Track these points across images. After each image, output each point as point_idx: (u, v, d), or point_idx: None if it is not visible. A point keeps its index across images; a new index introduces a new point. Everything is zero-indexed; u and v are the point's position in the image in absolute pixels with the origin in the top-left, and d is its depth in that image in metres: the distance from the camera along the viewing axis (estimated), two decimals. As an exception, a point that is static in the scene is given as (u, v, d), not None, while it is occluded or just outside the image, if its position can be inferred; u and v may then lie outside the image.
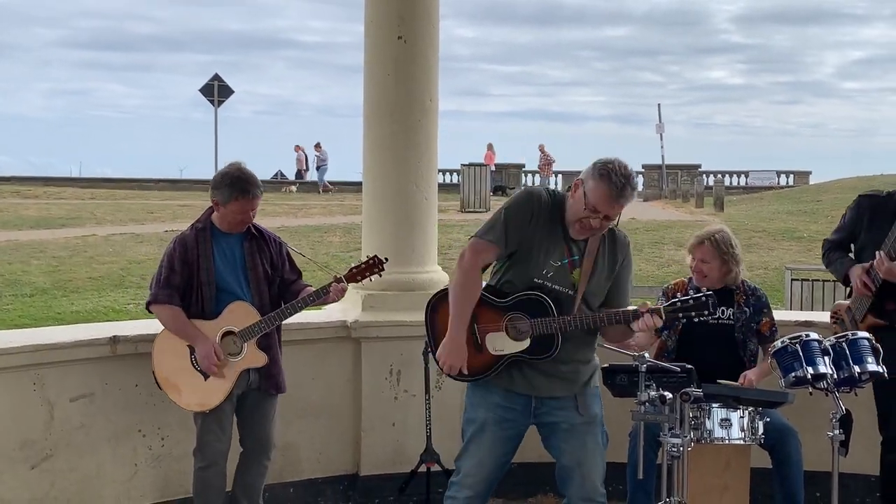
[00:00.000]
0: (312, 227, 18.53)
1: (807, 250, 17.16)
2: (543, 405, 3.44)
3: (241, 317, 4.02)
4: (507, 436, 3.47)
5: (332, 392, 4.97)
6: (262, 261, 4.11)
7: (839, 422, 3.73)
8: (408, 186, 5.01)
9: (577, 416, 3.44)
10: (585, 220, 3.32)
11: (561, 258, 3.37)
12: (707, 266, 4.40)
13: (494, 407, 3.45)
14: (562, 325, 3.32)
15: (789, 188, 32.83)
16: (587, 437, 3.46)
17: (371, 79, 5.06)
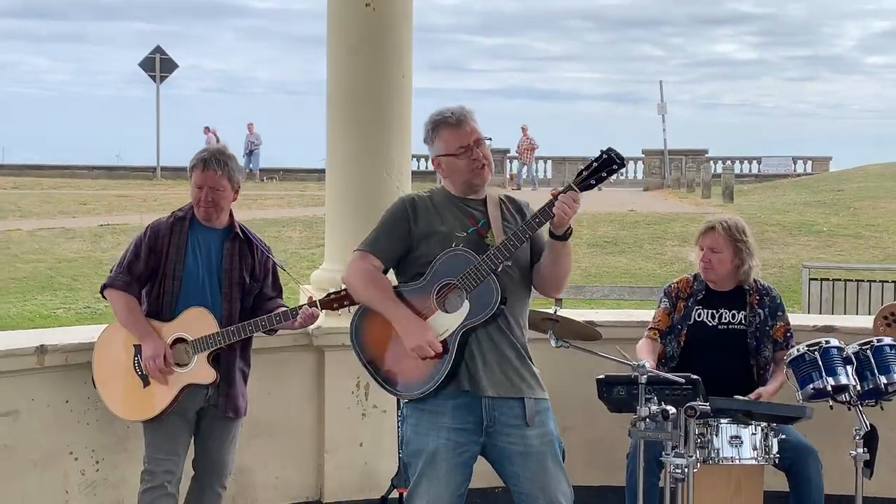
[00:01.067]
0: (269, 221, 18.47)
1: (826, 246, 17.32)
2: (495, 420, 3.43)
3: (198, 324, 4.02)
4: (462, 462, 3.44)
5: (291, 408, 4.96)
6: (241, 266, 4.11)
7: (863, 439, 3.77)
8: (377, 174, 5.01)
9: (531, 435, 3.43)
10: (469, 162, 3.46)
11: (465, 228, 3.46)
12: (717, 256, 4.41)
13: (446, 431, 3.42)
14: (489, 262, 3.32)
15: (807, 176, 33.08)
16: (547, 458, 3.46)
17: (335, 52, 5.05)
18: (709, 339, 4.41)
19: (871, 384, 3.92)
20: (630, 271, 15.36)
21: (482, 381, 3.41)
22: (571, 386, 4.93)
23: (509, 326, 3.45)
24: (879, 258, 15.79)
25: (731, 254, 4.40)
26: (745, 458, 3.85)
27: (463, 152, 3.47)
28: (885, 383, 3.91)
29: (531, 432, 3.44)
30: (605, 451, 4.94)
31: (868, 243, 17.57)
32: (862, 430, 3.79)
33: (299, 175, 31.73)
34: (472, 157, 3.47)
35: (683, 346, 4.44)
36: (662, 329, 4.49)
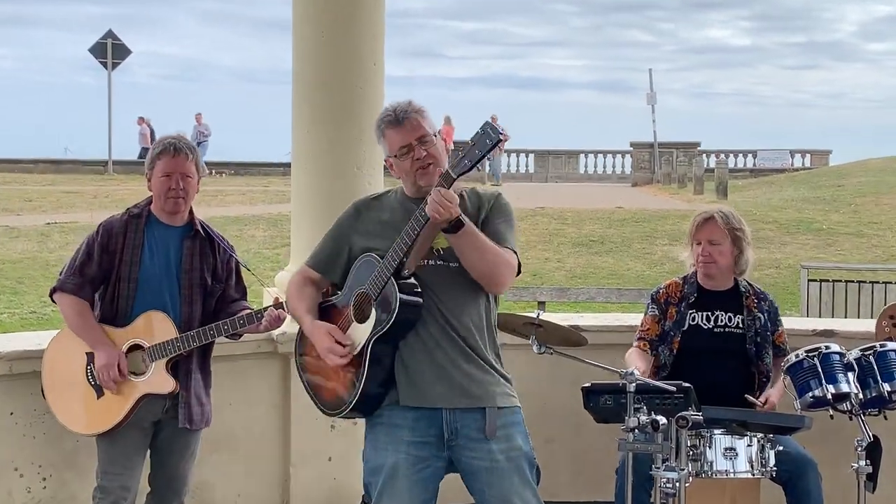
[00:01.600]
0: (230, 219, 18.42)
1: (826, 245, 17.45)
2: (457, 434, 3.44)
3: (155, 330, 4.00)
4: (424, 477, 3.45)
5: (255, 419, 4.95)
6: (202, 266, 4.09)
7: (865, 451, 3.79)
8: (347, 169, 5.00)
9: (497, 450, 3.43)
10: (413, 163, 3.42)
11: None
12: (718, 248, 4.42)
13: (405, 446, 3.42)
14: (387, 265, 3.33)
15: (805, 170, 33.31)
16: (513, 475, 3.45)
17: (301, 37, 5.04)
18: (704, 343, 4.42)
19: (874, 392, 3.94)
20: (617, 272, 15.41)
21: (429, 393, 3.41)
22: (555, 395, 4.95)
23: (453, 328, 3.42)
24: (882, 258, 15.92)
25: (731, 244, 4.43)
26: (740, 471, 3.87)
27: (405, 153, 3.44)
28: (888, 391, 3.93)
29: (496, 447, 3.43)
30: (591, 465, 4.95)
31: (870, 242, 17.71)
32: (864, 441, 3.82)
33: (263, 169, 31.65)
34: (414, 156, 3.43)
35: (677, 353, 4.45)
36: (652, 338, 4.50)
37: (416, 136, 3.44)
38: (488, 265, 3.40)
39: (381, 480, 3.45)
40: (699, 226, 4.47)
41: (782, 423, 4.02)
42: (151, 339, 3.99)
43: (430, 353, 3.41)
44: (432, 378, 3.41)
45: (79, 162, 32.19)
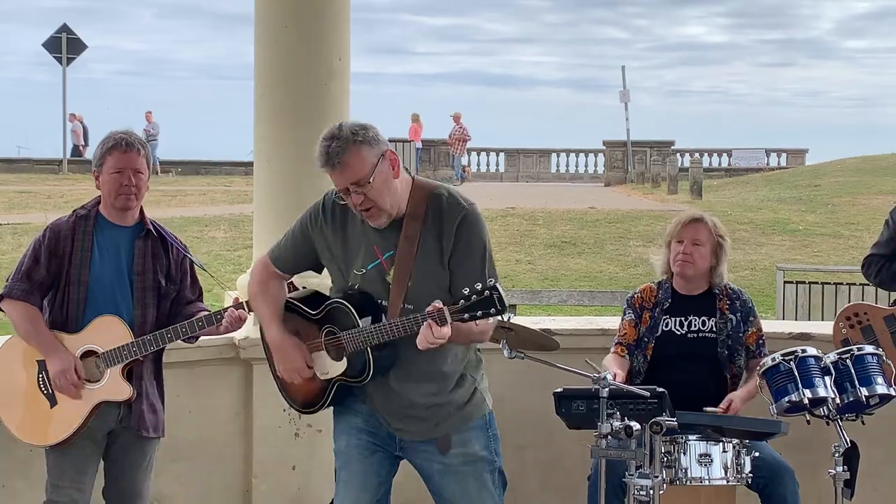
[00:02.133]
0: (190, 220, 18.32)
1: (802, 246, 17.58)
2: (403, 441, 3.54)
3: (109, 335, 3.96)
4: (375, 460, 3.55)
5: (216, 428, 4.92)
6: (155, 268, 4.06)
7: (843, 457, 3.81)
8: (311, 168, 4.93)
9: (451, 454, 3.47)
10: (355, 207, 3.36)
11: (367, 263, 3.43)
12: (700, 250, 4.45)
13: (357, 431, 3.55)
14: (365, 337, 3.34)
15: (781, 170, 33.54)
16: (468, 479, 3.48)
17: (264, 32, 5.02)
18: (677, 349, 4.44)
19: (851, 397, 3.97)
20: (590, 274, 15.46)
21: (389, 425, 3.53)
22: (527, 400, 4.95)
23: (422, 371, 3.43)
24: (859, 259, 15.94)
25: (711, 250, 4.46)
26: (715, 478, 3.89)
27: (346, 193, 3.36)
28: (866, 395, 3.96)
29: (450, 452, 3.50)
30: (563, 471, 4.96)
31: (847, 243, 17.85)
32: (842, 446, 3.84)
33: (225, 168, 31.51)
34: (352, 201, 3.36)
35: (651, 360, 4.47)
36: (630, 343, 4.52)
37: (351, 182, 3.32)
38: (470, 343, 3.51)
39: (338, 465, 3.61)
40: (686, 224, 4.50)
41: (758, 429, 4.04)
42: (105, 344, 3.95)
43: (397, 393, 3.47)
44: (394, 415, 3.51)
45: (32, 161, 31.89)
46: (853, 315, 4.50)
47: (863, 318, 4.46)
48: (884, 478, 4.84)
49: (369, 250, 3.44)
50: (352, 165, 3.27)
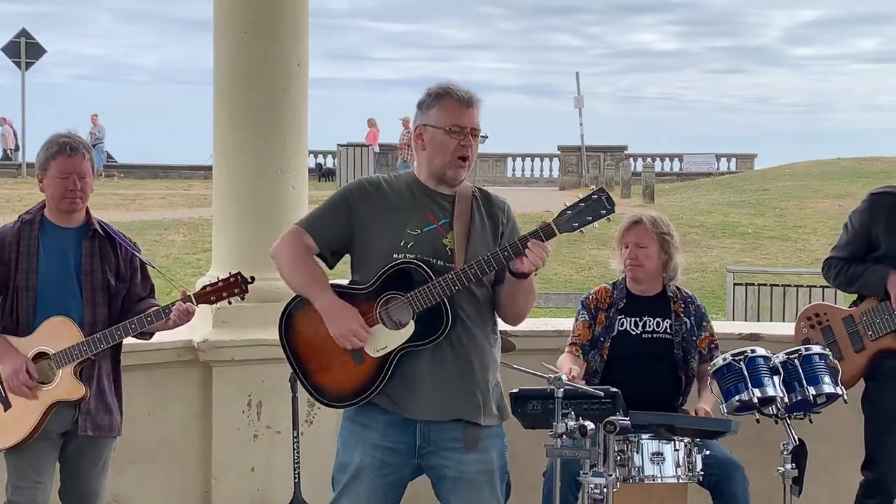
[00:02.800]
0: (149, 223, 18.18)
1: (752, 249, 17.74)
2: (430, 442, 3.42)
3: (60, 336, 3.92)
4: (387, 483, 3.45)
5: (175, 430, 4.89)
6: (104, 267, 4.02)
7: (791, 454, 3.85)
8: (270, 172, 4.96)
9: (468, 461, 3.43)
10: (457, 148, 3.36)
11: (421, 225, 3.39)
12: (644, 252, 4.47)
13: (372, 448, 3.42)
14: (443, 286, 3.28)
15: (731, 174, 33.84)
16: (482, 488, 3.46)
17: (223, 37, 4.99)
18: (633, 349, 4.47)
19: (799, 395, 4.01)
20: (545, 277, 15.49)
21: (420, 405, 3.39)
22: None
23: (470, 345, 3.41)
24: (807, 262, 16.21)
25: (658, 248, 4.48)
26: (667, 475, 3.91)
27: (457, 132, 3.36)
28: (813, 394, 4.00)
29: (468, 457, 3.43)
30: (518, 471, 4.94)
31: (795, 246, 18.04)
32: (790, 444, 3.88)
33: (184, 172, 31.30)
34: (461, 142, 3.37)
35: (607, 360, 4.49)
36: (584, 343, 4.54)
37: (474, 127, 3.40)
38: (526, 305, 3.49)
39: (345, 478, 3.46)
40: (626, 229, 4.53)
41: (709, 428, 4.07)
42: (56, 345, 3.91)
43: (440, 365, 3.38)
44: (430, 391, 3.38)
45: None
46: (814, 315, 4.54)
47: (823, 318, 4.49)
48: (831, 475, 4.89)
49: (423, 215, 3.40)
50: (480, 112, 3.41)
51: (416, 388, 3.38)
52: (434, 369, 3.37)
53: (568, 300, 11.11)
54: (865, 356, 4.35)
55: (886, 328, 4.30)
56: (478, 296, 3.43)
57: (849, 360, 4.36)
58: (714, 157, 37.94)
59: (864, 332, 4.36)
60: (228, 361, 4.86)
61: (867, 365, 4.35)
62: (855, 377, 4.36)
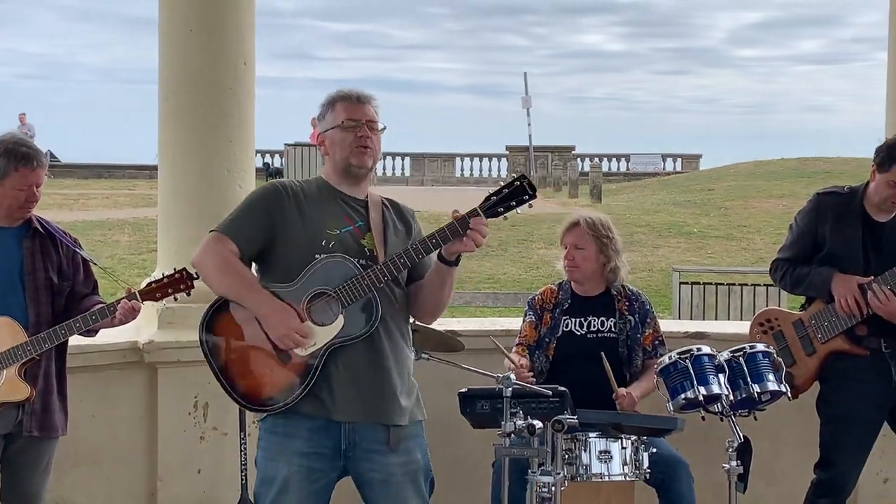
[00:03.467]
0: (93, 223, 17.97)
1: (697, 248, 17.91)
2: (355, 444, 3.41)
3: (3, 336, 3.86)
4: (316, 490, 3.43)
5: (119, 432, 4.84)
6: (46, 265, 3.97)
7: (736, 451, 3.89)
8: (216, 171, 4.94)
9: (394, 463, 3.43)
10: (355, 139, 3.43)
11: (339, 227, 3.41)
12: (581, 254, 4.50)
13: (298, 457, 3.39)
14: (372, 278, 3.29)
15: (677, 174, 34.16)
16: (407, 488, 3.46)
17: (168, 35, 4.95)
18: (578, 349, 4.49)
19: (743, 393, 4.04)
20: (494, 276, 15.55)
21: (346, 406, 3.37)
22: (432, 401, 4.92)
23: (390, 344, 3.42)
24: (751, 261, 16.41)
25: (596, 250, 4.50)
26: (614, 473, 3.93)
27: (352, 126, 3.43)
28: (758, 392, 4.04)
29: (394, 459, 3.43)
30: (467, 471, 4.98)
31: (739, 245, 18.24)
32: (735, 442, 3.91)
33: (129, 172, 31.00)
34: (358, 132, 3.43)
35: (553, 360, 4.51)
36: (530, 344, 4.56)
37: (369, 119, 3.47)
38: (445, 301, 3.52)
39: (272, 493, 3.41)
40: (566, 230, 4.57)
41: (655, 426, 4.10)
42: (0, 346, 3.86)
43: (363, 365, 3.37)
44: (359, 391, 3.37)
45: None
46: (766, 321, 4.58)
47: (774, 323, 4.52)
48: (775, 472, 4.95)
49: (339, 218, 3.43)
50: (374, 107, 3.52)
51: (342, 390, 3.37)
52: (358, 370, 3.37)
53: (516, 300, 11.15)
54: (817, 359, 4.39)
55: (835, 330, 4.34)
56: (396, 296, 3.45)
57: (801, 363, 4.40)
58: (660, 157, 38.28)
59: (813, 335, 4.40)
60: (174, 363, 4.82)
61: (819, 368, 4.39)
62: (808, 381, 4.41)
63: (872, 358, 4.31)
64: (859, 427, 4.34)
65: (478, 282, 15.07)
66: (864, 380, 4.30)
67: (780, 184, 25.71)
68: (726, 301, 11.26)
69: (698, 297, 11.37)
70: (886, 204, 4.29)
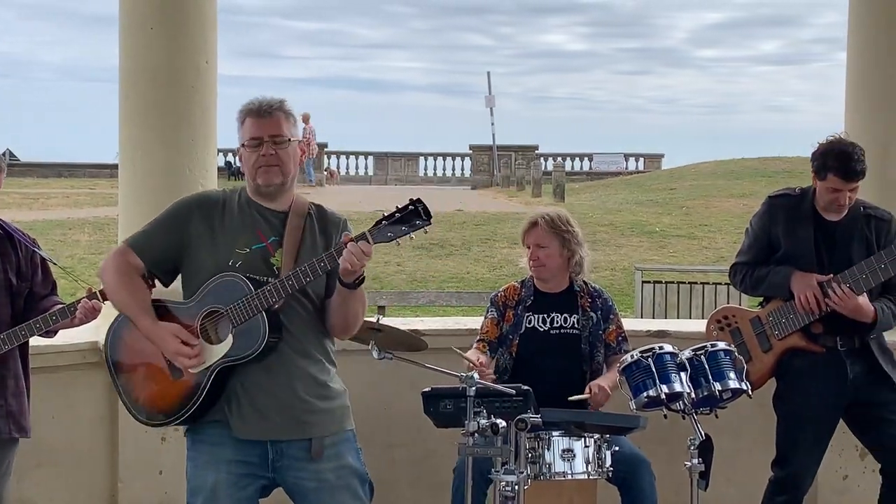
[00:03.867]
0: (53, 223, 17.83)
1: (659, 247, 18.01)
2: (283, 454, 3.40)
3: None
4: (247, 496, 3.40)
5: (80, 433, 4.82)
6: (4, 266, 3.93)
7: (698, 449, 3.91)
8: (178, 170, 4.91)
9: (325, 469, 3.41)
10: (256, 159, 3.37)
11: (250, 244, 3.38)
12: (545, 252, 4.51)
13: (226, 464, 3.37)
14: (262, 298, 3.26)
15: (639, 174, 34.34)
16: (343, 493, 3.44)
17: (129, 33, 4.92)
18: (541, 345, 4.51)
19: (705, 391, 4.07)
20: (458, 275, 15.56)
21: (254, 424, 3.36)
22: (396, 400, 4.96)
23: (300, 360, 3.39)
24: (712, 259, 16.53)
25: (559, 246, 4.52)
26: (577, 472, 3.94)
27: (255, 145, 3.37)
28: (719, 390, 4.07)
29: (324, 465, 3.41)
30: (431, 470, 4.98)
31: (701, 244, 18.37)
32: (696, 439, 3.94)
33: (90, 171, 30.75)
34: (261, 152, 3.36)
35: (516, 357, 4.53)
36: (491, 340, 4.56)
37: (271, 133, 3.37)
38: (356, 318, 3.44)
39: (200, 501, 3.40)
40: (526, 231, 4.59)
41: (618, 424, 4.11)
42: None
43: (273, 382, 3.35)
44: (268, 409, 3.36)
45: None
46: (723, 318, 4.62)
47: (731, 320, 4.57)
48: (737, 469, 4.99)
49: (253, 234, 3.39)
50: (278, 120, 3.40)
51: (247, 409, 3.36)
52: (260, 388, 3.35)
53: (480, 299, 11.15)
54: (773, 356, 4.43)
55: (792, 327, 4.39)
56: (307, 310, 3.41)
57: (758, 360, 4.44)
58: (623, 156, 38.46)
59: (770, 332, 4.44)
60: (136, 363, 4.78)
61: (776, 364, 4.43)
62: (764, 377, 4.45)
63: (828, 356, 4.36)
64: (815, 424, 4.39)
65: (441, 281, 15.08)
66: (820, 377, 4.35)
67: (740, 183, 25.92)
68: (688, 300, 11.35)
69: (660, 296, 11.45)
70: (832, 206, 4.35)
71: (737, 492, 5.04)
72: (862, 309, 4.27)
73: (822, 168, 4.30)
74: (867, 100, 5.15)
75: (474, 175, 33.88)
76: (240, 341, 3.29)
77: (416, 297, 11.59)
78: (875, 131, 4.83)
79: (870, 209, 4.44)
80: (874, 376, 4.38)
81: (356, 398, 3.62)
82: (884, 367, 4.38)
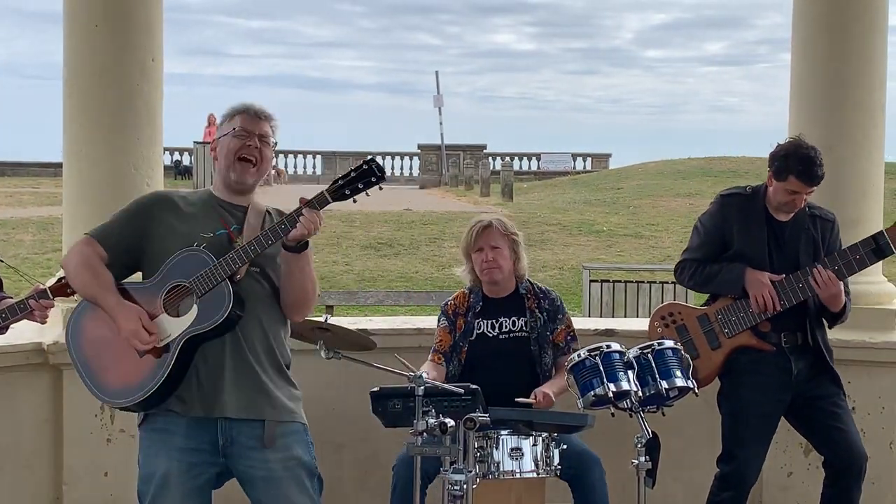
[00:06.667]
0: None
1: (606, 246, 18.12)
2: (233, 441, 3.43)
3: None
4: (198, 486, 3.44)
5: (23, 435, 4.75)
6: None
7: (645, 447, 3.94)
8: (124, 169, 4.86)
9: (274, 459, 3.44)
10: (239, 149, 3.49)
11: (214, 229, 3.47)
12: (500, 253, 4.54)
13: (178, 452, 3.41)
14: (224, 266, 3.33)
15: (587, 173, 34.54)
16: (290, 484, 3.47)
17: (73, 30, 4.87)
18: (490, 350, 4.53)
19: (652, 389, 4.10)
20: (406, 275, 15.55)
21: (215, 401, 3.40)
22: (344, 400, 4.94)
23: (259, 340, 3.46)
24: (659, 258, 16.66)
25: (509, 249, 4.56)
26: (526, 470, 3.96)
27: (243, 135, 3.48)
28: (666, 388, 4.10)
29: (272, 455, 3.45)
30: (380, 469, 4.96)
31: (648, 243, 18.51)
32: (644, 437, 3.96)
33: (33, 170, 30.35)
34: (247, 142, 3.48)
35: (464, 363, 4.54)
36: (446, 350, 4.59)
37: (261, 133, 3.51)
38: (303, 291, 3.48)
39: (152, 489, 3.43)
40: (479, 233, 4.58)
41: (566, 422, 4.13)
42: None
43: (234, 359, 3.41)
44: (225, 386, 3.41)
45: None
46: (668, 315, 4.63)
47: (677, 317, 4.58)
48: (684, 467, 5.03)
49: (216, 222, 3.48)
50: (269, 128, 3.57)
51: (209, 384, 3.41)
52: (223, 364, 3.41)
53: (429, 298, 11.15)
54: (722, 353, 4.46)
55: (743, 325, 4.42)
56: (265, 290, 3.49)
57: (706, 357, 4.47)
58: (571, 156, 38.66)
59: (719, 329, 4.46)
60: (80, 364, 4.73)
61: (724, 362, 4.47)
62: (712, 374, 4.48)
63: (773, 353, 4.42)
64: (759, 420, 4.44)
65: (390, 280, 15.06)
66: (764, 374, 4.40)
67: (687, 183, 26.15)
68: (635, 298, 11.41)
69: (608, 295, 11.50)
70: (785, 207, 4.40)
71: (683, 488, 5.08)
72: (838, 297, 4.33)
73: (784, 170, 4.33)
74: (811, 100, 5.21)
75: (423, 174, 33.88)
76: (204, 312, 3.33)
77: (365, 296, 11.55)
78: (819, 132, 4.88)
79: (815, 209, 4.51)
80: (817, 370, 4.44)
81: (304, 398, 3.62)
82: (828, 361, 4.44)
